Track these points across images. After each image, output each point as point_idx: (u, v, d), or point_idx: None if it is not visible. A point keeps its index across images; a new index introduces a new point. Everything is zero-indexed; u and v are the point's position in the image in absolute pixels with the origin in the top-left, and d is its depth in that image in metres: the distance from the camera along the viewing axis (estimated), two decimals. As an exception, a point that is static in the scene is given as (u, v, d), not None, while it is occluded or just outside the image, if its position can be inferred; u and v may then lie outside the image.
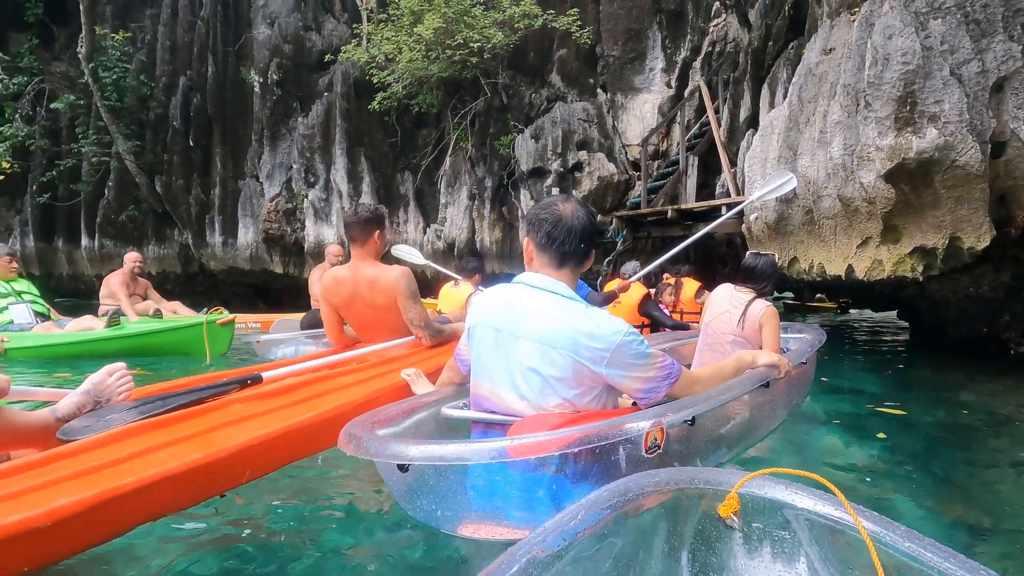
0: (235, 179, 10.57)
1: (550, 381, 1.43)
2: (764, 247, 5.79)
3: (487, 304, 1.59)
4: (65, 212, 11.19)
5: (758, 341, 2.63)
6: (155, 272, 10.91)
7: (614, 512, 0.94)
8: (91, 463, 1.17)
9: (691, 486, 1.03)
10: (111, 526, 1.14)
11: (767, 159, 5.61)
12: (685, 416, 1.48)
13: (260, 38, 10.42)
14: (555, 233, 1.49)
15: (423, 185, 9.92)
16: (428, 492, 1.36)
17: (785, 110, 5.33)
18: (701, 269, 7.03)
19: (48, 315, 5.06)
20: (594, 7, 9.39)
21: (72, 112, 10.79)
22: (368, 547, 1.53)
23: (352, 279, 2.61)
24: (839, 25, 4.92)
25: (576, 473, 1.36)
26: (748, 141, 6.64)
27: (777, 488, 0.99)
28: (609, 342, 1.40)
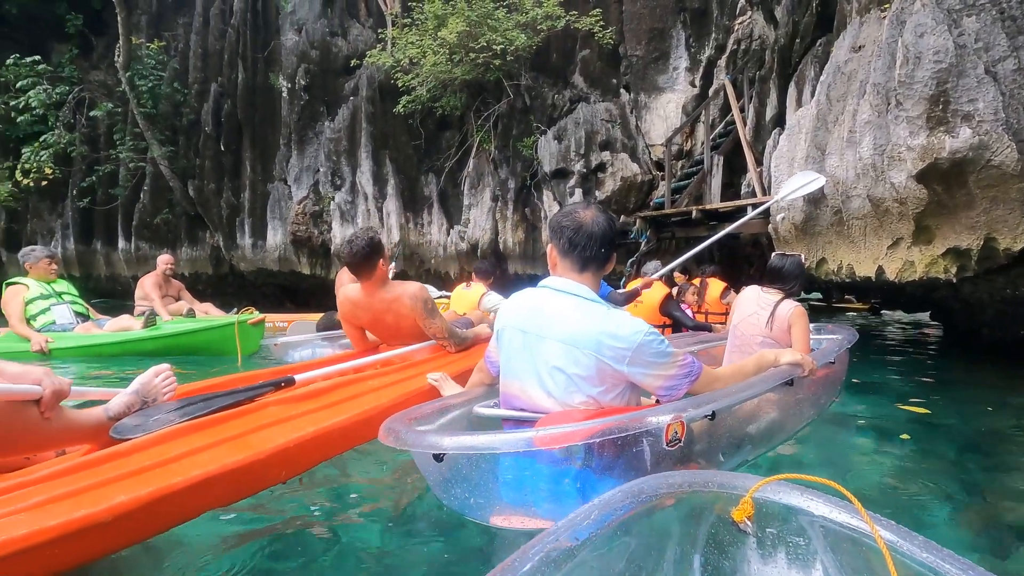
0: (264, 182, 10.82)
1: (575, 379, 1.50)
2: (791, 248, 5.71)
3: (514, 308, 1.67)
4: (103, 216, 11.61)
5: (787, 342, 2.62)
6: (187, 273, 11.24)
7: (628, 512, 0.95)
8: (143, 463, 1.25)
9: (705, 489, 1.03)
10: (162, 522, 1.22)
11: (794, 159, 5.53)
12: (705, 411, 1.52)
13: (288, 44, 10.65)
14: (576, 239, 1.56)
15: (447, 187, 10.01)
16: (461, 481, 1.44)
17: (813, 109, 5.25)
18: (726, 269, 6.95)
19: (88, 315, 5.26)
20: (617, 7, 9.35)
21: (110, 119, 11.18)
22: (399, 537, 1.59)
23: (368, 304, 2.62)
24: (869, 22, 4.82)
25: (601, 467, 1.42)
26: (775, 140, 6.55)
27: (792, 494, 0.98)
28: (630, 341, 1.46)
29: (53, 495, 1.11)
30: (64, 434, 1.36)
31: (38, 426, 1.27)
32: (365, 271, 2.55)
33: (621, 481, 1.39)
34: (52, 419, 1.29)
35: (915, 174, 3.86)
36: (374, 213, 9.98)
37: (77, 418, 1.39)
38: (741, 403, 1.74)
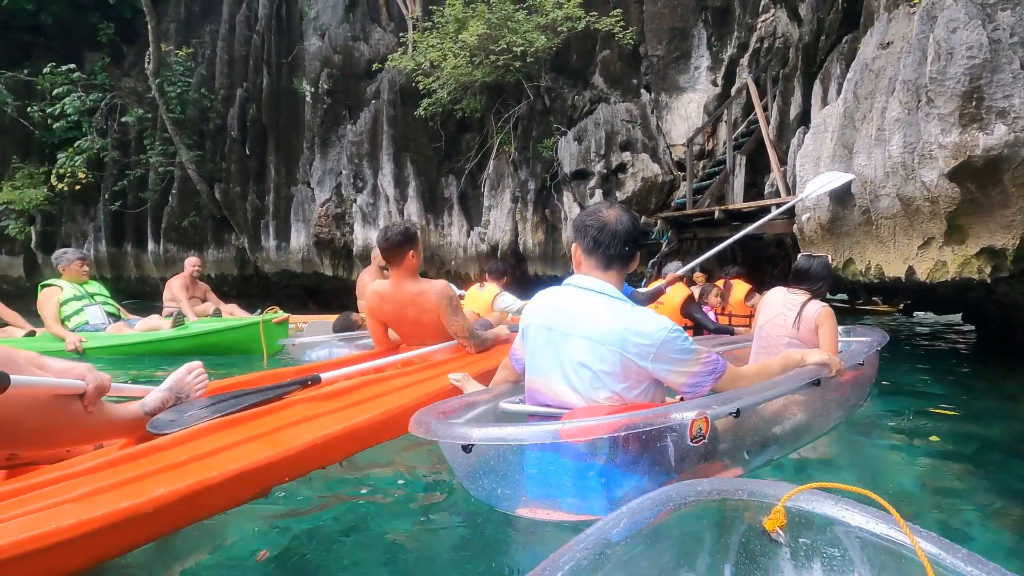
0: (288, 185, 11.00)
1: (599, 375, 1.52)
2: (817, 248, 5.61)
3: (539, 305, 1.70)
4: (133, 219, 11.91)
5: (814, 343, 2.58)
6: (214, 275, 11.48)
7: (656, 520, 0.94)
8: (180, 457, 1.30)
9: (735, 497, 1.01)
10: (199, 513, 1.27)
11: (820, 158, 5.43)
12: (730, 408, 1.53)
13: (311, 49, 10.81)
14: (600, 238, 1.59)
15: (467, 188, 10.06)
16: (489, 472, 1.48)
17: (839, 107, 5.15)
18: (749, 271, 6.85)
19: (119, 315, 5.41)
20: (637, 7, 9.30)
21: (140, 125, 11.48)
22: (426, 530, 1.63)
23: (395, 297, 2.67)
24: (897, 18, 4.72)
25: (625, 462, 1.43)
26: (799, 139, 6.45)
27: (826, 503, 0.95)
28: (654, 338, 1.48)
29: (97, 486, 1.16)
30: (104, 428, 1.42)
31: (81, 419, 1.32)
32: (396, 259, 2.61)
33: (646, 477, 1.43)
34: (94, 413, 1.35)
35: (947, 172, 3.77)
36: (395, 215, 10.07)
37: (116, 413, 1.45)
38: (766, 402, 1.74)
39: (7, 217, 11.80)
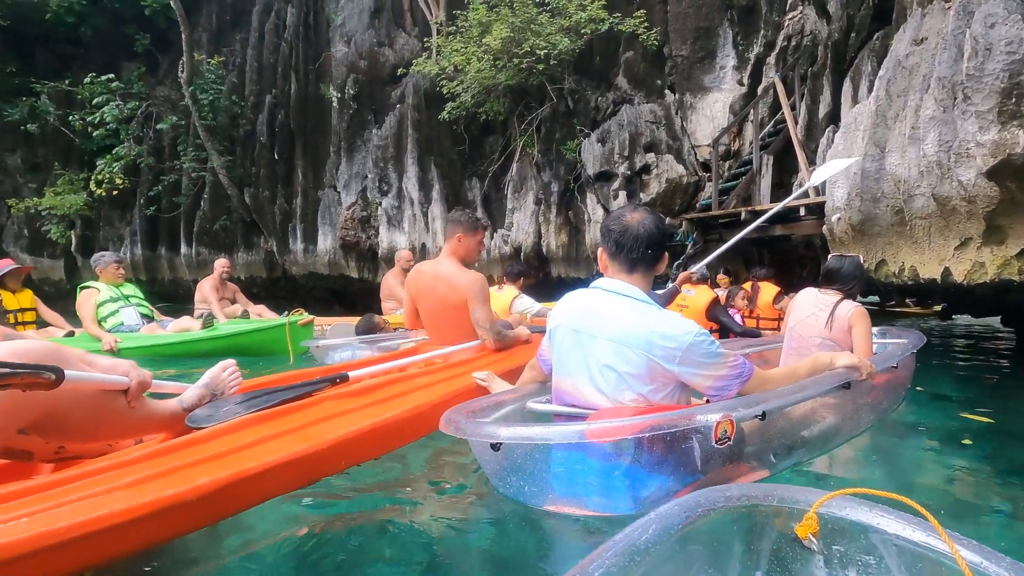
0: (315, 189, 11.21)
1: (625, 377, 1.53)
2: (848, 249, 5.48)
3: (567, 308, 1.72)
4: (167, 223, 12.27)
5: (847, 344, 2.52)
6: (243, 277, 11.75)
7: (685, 527, 0.93)
8: (219, 449, 1.36)
9: (765, 503, 0.99)
10: (238, 504, 1.33)
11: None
12: (755, 411, 1.53)
13: (338, 56, 11.00)
14: (623, 241, 1.60)
15: (490, 191, 10.10)
16: (516, 470, 1.52)
17: (871, 105, 5.03)
18: (778, 273, 6.73)
19: (152, 317, 5.58)
20: (662, 7, 9.23)
21: (174, 132, 11.82)
22: (452, 527, 1.65)
23: (432, 273, 2.78)
24: (931, 13, 4.60)
25: (650, 463, 1.45)
26: (828, 138, 6.32)
27: (860, 509, 0.93)
28: (681, 341, 1.49)
29: (144, 475, 1.22)
30: (146, 422, 1.48)
31: (125, 414, 1.39)
32: (448, 235, 2.80)
33: (671, 478, 1.44)
34: (137, 408, 1.41)
35: (986, 171, 3.66)
36: (420, 218, 10.17)
37: (156, 408, 1.51)
38: (793, 405, 1.73)
39: (49, 222, 12.27)
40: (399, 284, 6.18)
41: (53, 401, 1.20)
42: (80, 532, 1.03)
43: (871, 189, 4.82)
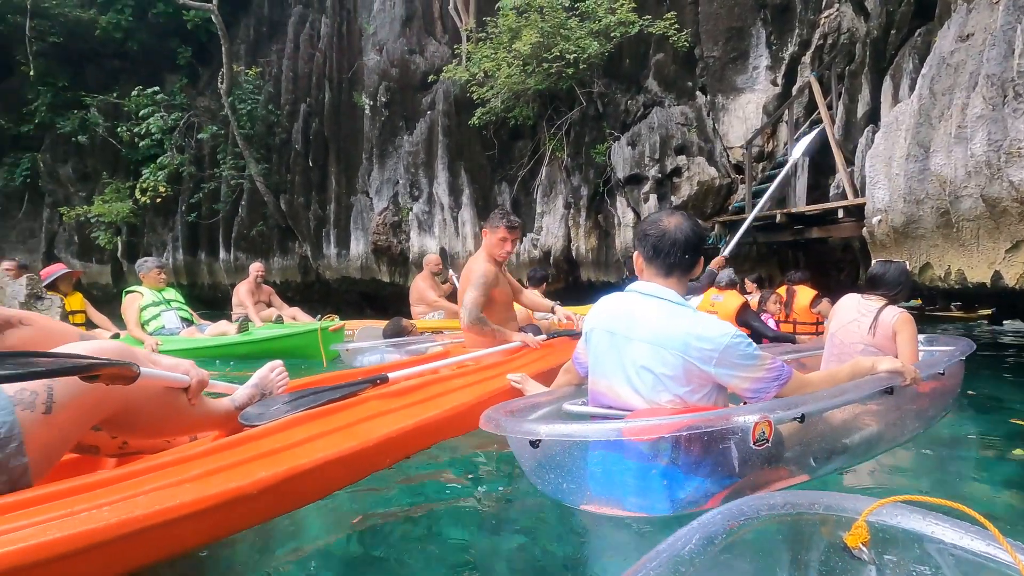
0: (348, 195, 11.43)
1: (662, 379, 1.55)
2: (888, 252, 5.32)
3: (602, 311, 1.75)
4: (207, 229, 12.68)
5: (891, 350, 2.46)
6: (279, 281, 12.04)
7: (729, 537, 0.91)
8: (273, 446, 1.42)
9: (811, 511, 0.96)
10: (296, 499, 1.39)
11: (892, 157, 5.16)
12: (794, 413, 1.51)
13: (370, 64, 11.21)
14: (660, 246, 1.62)
15: (519, 195, 10.14)
16: (554, 468, 1.54)
17: (914, 104, 4.89)
18: (814, 276, 6.58)
19: (192, 320, 5.77)
20: (692, 8, 9.14)
21: (214, 141, 12.23)
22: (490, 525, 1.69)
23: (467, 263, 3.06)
24: (978, 8, 4.44)
25: (688, 464, 1.45)
26: (868, 139, 6.16)
27: (912, 517, 0.89)
28: (717, 343, 1.50)
29: (208, 469, 1.28)
30: (203, 419, 1.55)
31: (186, 411, 1.46)
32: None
33: (708, 480, 1.44)
34: (196, 406, 1.48)
35: (1037, 170, 3.51)
36: (450, 223, 10.28)
37: (212, 406, 1.58)
38: (834, 408, 1.71)
39: (97, 228, 12.81)
40: (429, 288, 6.24)
41: (127, 397, 1.27)
42: (158, 520, 1.09)
43: (914, 190, 4.68)
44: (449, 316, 5.99)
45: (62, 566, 0.97)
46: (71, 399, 1.17)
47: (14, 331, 1.16)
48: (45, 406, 1.14)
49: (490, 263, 2.99)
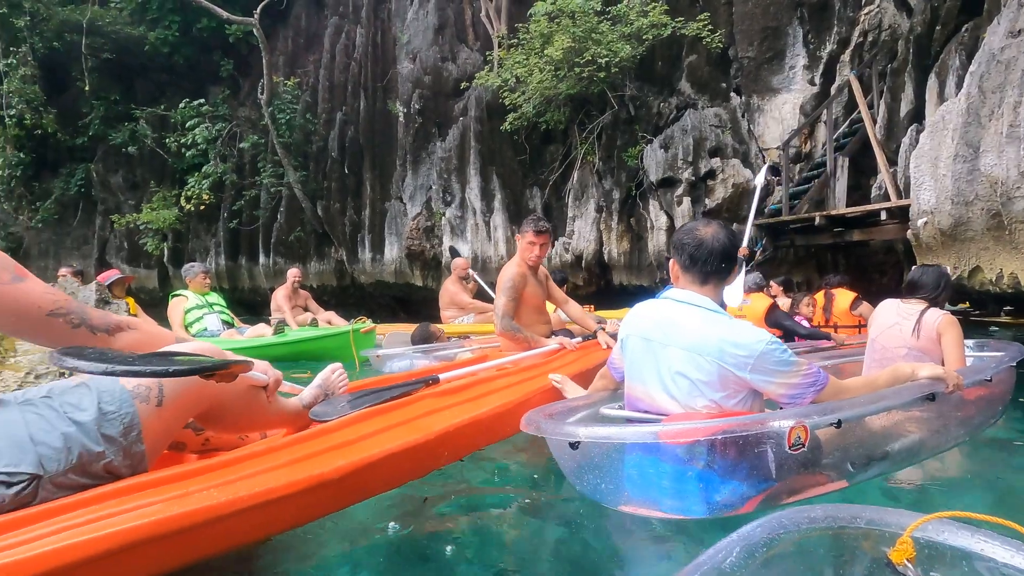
0: (382, 201, 11.66)
1: (698, 384, 1.58)
2: (935, 255, 5.17)
3: (638, 317, 1.79)
4: (247, 235, 13.11)
5: (936, 354, 2.40)
6: (315, 285, 12.34)
7: (769, 550, 0.90)
8: (346, 438, 1.52)
9: (853, 525, 0.94)
10: (370, 487, 1.49)
11: (938, 158, 5.01)
12: (830, 419, 1.51)
13: (404, 72, 11.43)
14: (698, 255, 1.65)
15: (551, 199, 10.17)
16: (593, 469, 1.60)
17: (962, 103, 4.74)
18: (854, 280, 6.41)
19: (232, 323, 6.00)
20: (726, 9, 9.02)
21: (254, 150, 12.64)
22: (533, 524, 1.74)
23: None
24: (1030, 2, 4.28)
25: (724, 468, 1.48)
26: (911, 138, 5.98)
27: (961, 534, 0.87)
28: (752, 350, 1.52)
29: (294, 457, 1.38)
30: (278, 416, 1.66)
31: (264, 407, 1.56)
32: None
33: (745, 484, 1.46)
34: (272, 403, 1.59)
35: (1096, 171, 3.37)
36: (482, 227, 10.37)
37: (284, 404, 1.69)
38: (871, 415, 1.70)
39: (146, 235, 13.39)
40: (460, 291, 6.32)
41: (219, 393, 1.38)
42: (260, 500, 1.19)
43: (963, 191, 4.54)
44: (479, 318, 6.07)
45: (189, 536, 1.10)
46: (177, 394, 1.29)
47: (123, 334, 1.26)
48: (157, 400, 1.26)
49: (520, 267, 3.06)
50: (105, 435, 1.17)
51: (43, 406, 1.17)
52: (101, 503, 1.09)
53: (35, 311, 1.15)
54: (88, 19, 12.85)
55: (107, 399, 1.20)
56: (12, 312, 1.13)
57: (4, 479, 1.06)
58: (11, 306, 1.12)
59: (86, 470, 1.15)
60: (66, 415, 1.15)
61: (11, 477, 1.07)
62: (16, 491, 1.07)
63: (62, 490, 1.12)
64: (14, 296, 1.12)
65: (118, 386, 1.23)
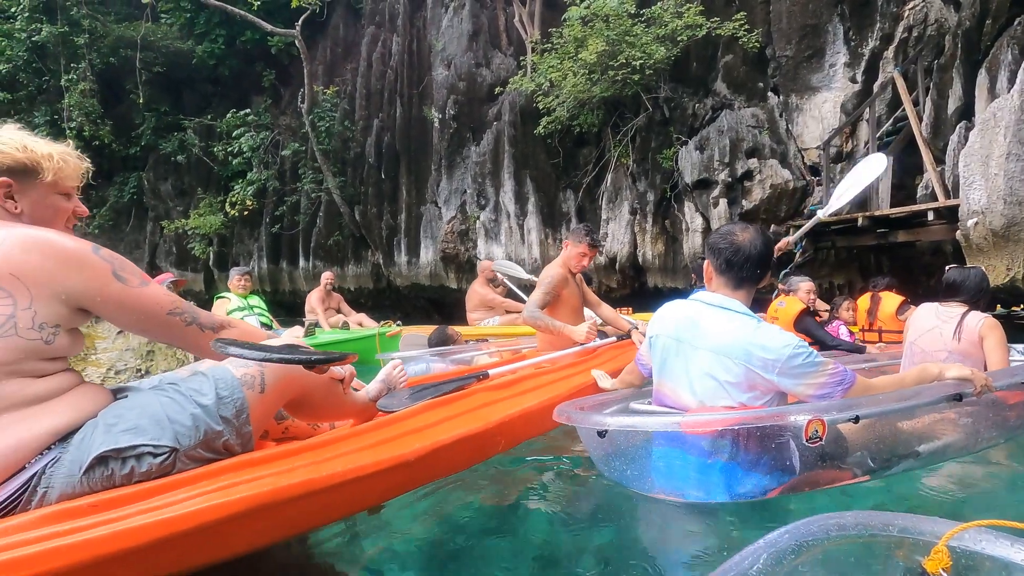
0: (418, 205, 11.89)
1: (724, 385, 1.63)
2: (986, 256, 5.01)
3: (667, 317, 1.84)
4: (288, 239, 13.54)
5: (978, 357, 2.37)
6: (352, 288, 12.67)
7: (797, 557, 0.88)
8: (414, 426, 1.65)
9: (885, 533, 0.91)
10: (439, 469, 1.62)
11: (990, 156, 4.87)
12: (847, 415, 1.55)
13: (439, 79, 11.64)
14: (734, 260, 1.69)
15: (584, 202, 10.20)
16: (619, 456, 1.70)
17: (1015, 99, 4.60)
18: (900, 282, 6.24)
19: (271, 325, 6.22)
20: (763, 8, 8.89)
21: (295, 157, 13.06)
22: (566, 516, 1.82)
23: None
24: (1087, -6, 4.13)
25: (747, 462, 1.56)
26: (960, 136, 5.81)
27: (1000, 543, 0.83)
28: (779, 354, 1.56)
29: (376, 440, 1.53)
30: (351, 407, 1.79)
31: (341, 398, 1.71)
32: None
33: (768, 477, 1.54)
34: (348, 395, 1.73)
35: None
36: (516, 230, 10.48)
37: (356, 396, 1.83)
38: (891, 413, 1.73)
39: (193, 240, 13.98)
40: (490, 292, 6.44)
41: (308, 383, 1.53)
42: (353, 476, 1.34)
43: (1016, 191, 4.40)
44: (506, 319, 6.18)
45: (300, 504, 1.27)
46: (275, 382, 1.44)
47: (225, 331, 1.40)
48: (260, 387, 1.41)
49: (563, 269, 3.17)
50: (223, 416, 1.33)
51: (172, 391, 1.33)
52: (226, 474, 1.26)
53: (159, 311, 1.30)
54: (142, 35, 13.51)
55: (222, 385, 1.35)
56: (140, 311, 1.28)
57: (151, 450, 1.23)
58: (140, 306, 1.27)
59: (209, 446, 1.32)
60: (192, 399, 1.31)
61: (156, 449, 1.23)
62: (160, 461, 1.24)
63: (192, 462, 1.29)
64: (143, 298, 1.28)
65: (230, 375, 1.38)
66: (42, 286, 1.15)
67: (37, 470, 1.14)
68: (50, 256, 1.17)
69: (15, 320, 1.12)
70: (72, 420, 1.19)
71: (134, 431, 1.21)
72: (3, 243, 1.14)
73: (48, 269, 1.16)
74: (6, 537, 1.01)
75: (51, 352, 1.19)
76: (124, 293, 1.25)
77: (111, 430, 1.20)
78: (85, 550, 1.01)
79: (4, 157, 1.23)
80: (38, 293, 1.15)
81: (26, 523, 1.06)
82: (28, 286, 1.14)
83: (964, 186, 5.11)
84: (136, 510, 1.11)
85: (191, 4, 13.80)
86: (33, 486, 1.13)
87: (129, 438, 1.20)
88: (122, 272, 1.25)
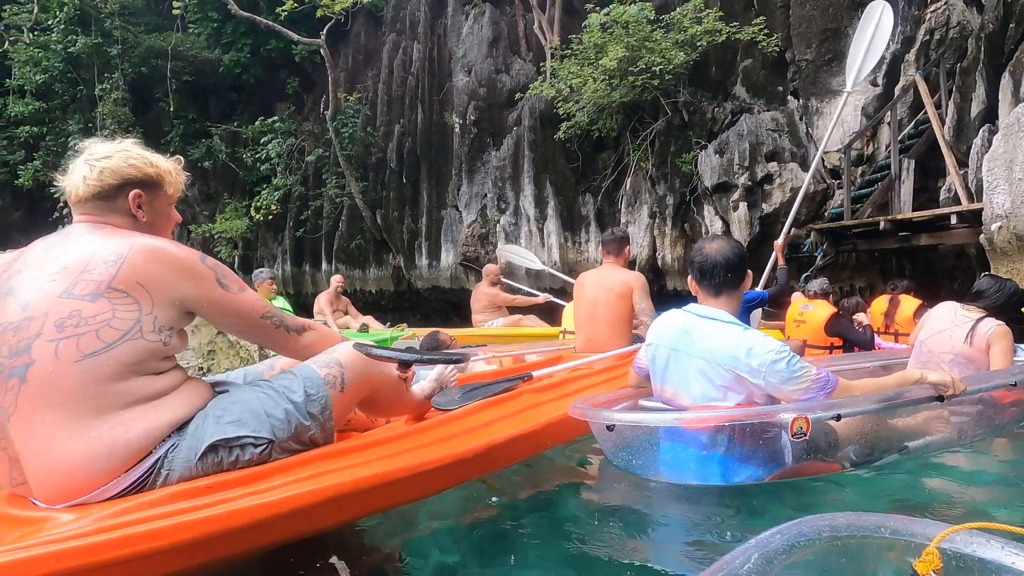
0: (439, 209, 12.09)
1: (719, 390, 1.81)
2: (1010, 260, 5.04)
3: (664, 328, 2.00)
4: (311, 243, 13.83)
5: (984, 363, 2.45)
6: (374, 291, 12.90)
7: (789, 557, 0.87)
8: (470, 425, 1.80)
9: (877, 535, 0.91)
10: (494, 464, 1.78)
11: (1014, 160, 4.90)
12: (830, 414, 1.73)
13: (459, 85, 11.83)
14: (705, 269, 1.87)
15: (603, 206, 10.30)
16: (626, 447, 1.92)
17: (1036, 104, 4.63)
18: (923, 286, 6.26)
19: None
20: (783, 12, 8.94)
21: (319, 162, 13.34)
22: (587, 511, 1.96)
23: (599, 277, 3.43)
24: (1111, 1, 4.16)
25: (742, 455, 1.76)
26: (984, 140, 5.83)
27: (990, 546, 0.83)
28: (763, 360, 1.72)
29: (436, 438, 1.67)
30: (409, 403, 1.91)
31: (404, 397, 1.85)
32: (615, 250, 3.52)
33: (761, 468, 1.75)
34: (407, 392, 1.86)
35: None
36: (535, 234, 10.62)
37: (414, 394, 1.95)
38: (870, 411, 1.91)
39: (219, 244, 14.33)
40: (498, 293, 6.61)
41: (379, 381, 1.67)
42: (421, 470, 1.50)
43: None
44: (508, 320, 6.36)
45: (377, 492, 1.43)
46: (353, 382, 1.57)
47: (307, 332, 1.55)
48: (341, 386, 1.54)
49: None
50: (310, 412, 1.46)
51: (266, 387, 1.47)
52: (314, 464, 1.42)
53: (253, 314, 1.46)
54: (172, 45, 13.91)
55: (309, 384, 1.49)
56: (238, 315, 1.44)
57: (252, 440, 1.37)
58: (238, 310, 1.43)
59: (299, 439, 1.46)
60: (285, 395, 1.45)
61: (257, 440, 1.38)
62: (260, 451, 1.38)
63: (284, 452, 1.43)
64: (240, 303, 1.43)
65: (316, 374, 1.51)
66: (161, 293, 1.31)
67: (160, 455, 1.30)
68: (167, 265, 1.32)
69: (140, 324, 1.28)
70: (186, 412, 1.36)
71: (238, 423, 1.37)
72: (128, 252, 1.29)
73: (165, 277, 1.31)
74: (144, 510, 1.19)
75: (167, 352, 1.35)
76: (226, 298, 1.40)
77: (219, 421, 1.36)
78: (209, 524, 1.19)
79: (137, 171, 1.40)
80: (158, 299, 1.31)
81: (157, 499, 1.23)
82: (150, 293, 1.30)
83: (988, 190, 5.13)
84: (242, 493, 1.27)
85: (219, 15, 14.17)
86: (157, 469, 1.29)
87: (235, 429, 1.36)
88: (224, 279, 1.41)
